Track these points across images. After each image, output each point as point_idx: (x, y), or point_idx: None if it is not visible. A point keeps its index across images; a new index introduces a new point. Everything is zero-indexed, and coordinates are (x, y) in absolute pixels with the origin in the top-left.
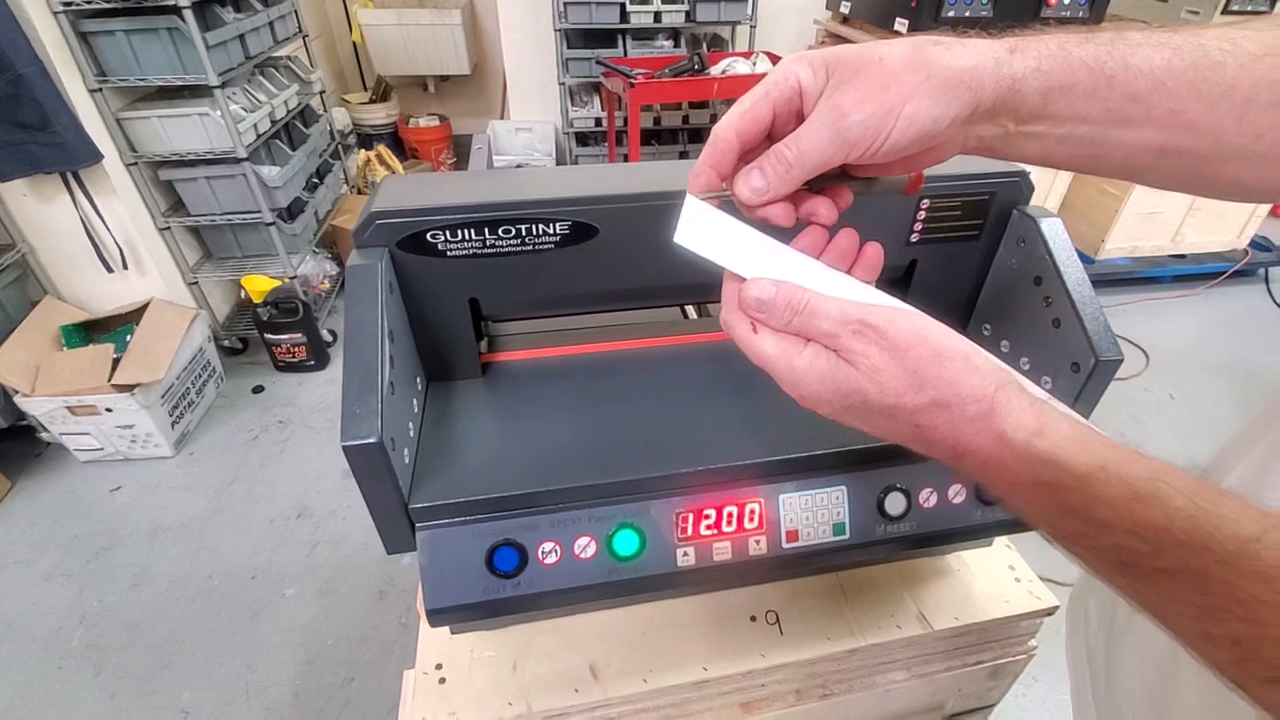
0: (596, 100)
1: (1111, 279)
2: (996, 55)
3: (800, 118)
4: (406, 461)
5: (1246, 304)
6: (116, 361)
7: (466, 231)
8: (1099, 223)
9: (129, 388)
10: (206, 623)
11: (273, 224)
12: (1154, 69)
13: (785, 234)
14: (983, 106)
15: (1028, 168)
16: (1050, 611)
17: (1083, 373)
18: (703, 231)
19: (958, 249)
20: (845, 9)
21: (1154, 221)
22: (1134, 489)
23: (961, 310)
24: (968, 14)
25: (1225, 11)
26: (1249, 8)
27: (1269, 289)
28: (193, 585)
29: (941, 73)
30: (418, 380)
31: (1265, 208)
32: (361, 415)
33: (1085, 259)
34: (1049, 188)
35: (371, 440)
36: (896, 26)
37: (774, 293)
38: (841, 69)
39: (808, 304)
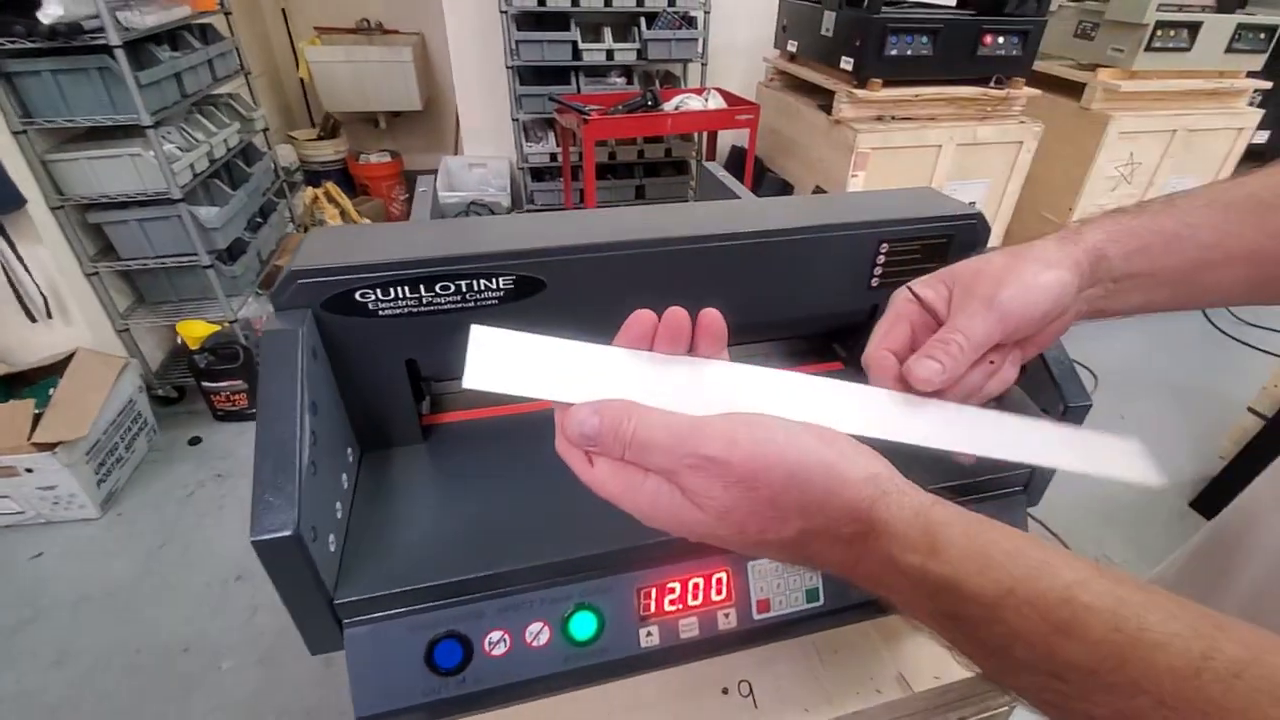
0: (551, 135)
1: None
2: (1071, 236)
3: (934, 328)
4: (332, 550)
5: (1184, 324)
6: (38, 417)
7: (400, 289)
8: None
9: (50, 445)
10: (135, 703)
11: (211, 266)
12: (1213, 220)
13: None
14: (1084, 274)
15: (978, 208)
16: None
17: (1052, 418)
18: (500, 362)
19: None
20: (792, 48)
21: None
22: (1049, 618)
23: None
24: (909, 53)
25: (1148, 49)
26: (1170, 45)
27: (1203, 311)
28: (120, 661)
29: (1046, 256)
30: (349, 452)
31: None
32: (275, 505)
33: None
34: (993, 218)
35: (286, 534)
36: (842, 65)
37: (597, 423)
38: (959, 277)
39: (634, 435)
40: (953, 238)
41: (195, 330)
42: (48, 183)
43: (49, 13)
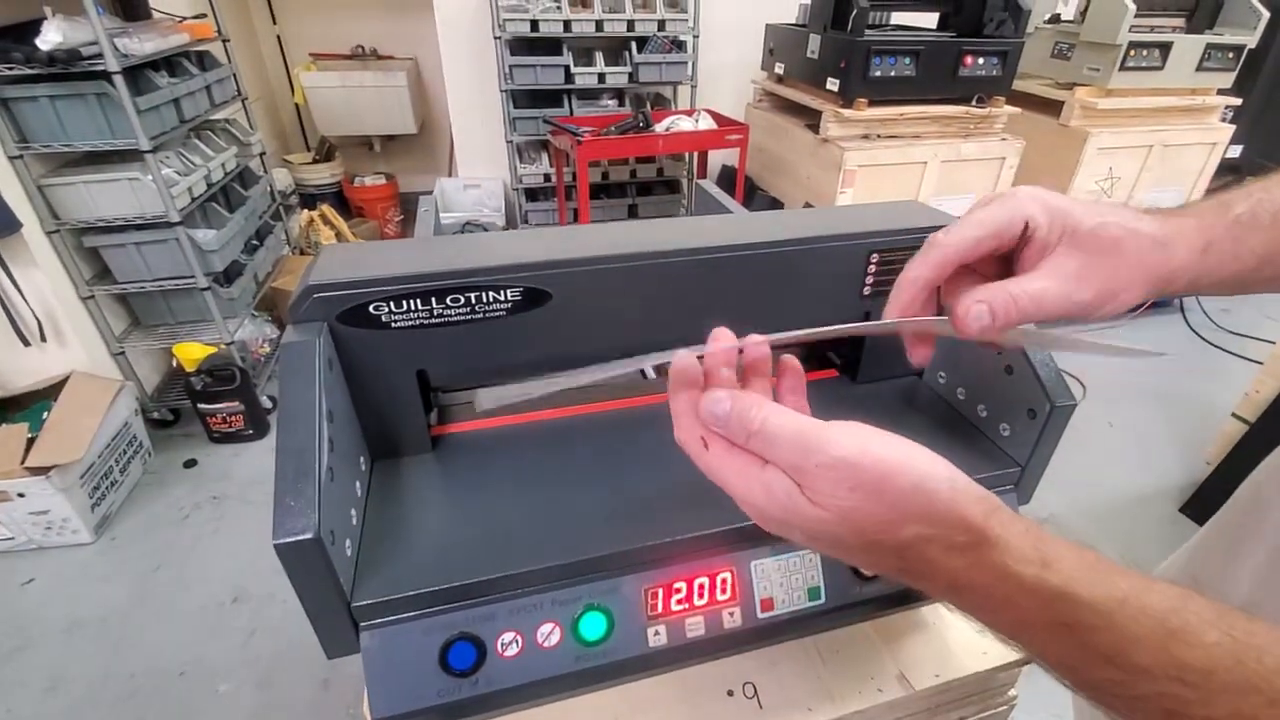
0: (545, 156)
1: None
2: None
3: (1009, 254)
4: (348, 554)
5: (1167, 333)
6: (31, 441)
7: (412, 302)
8: None
9: (44, 470)
10: None
11: (208, 289)
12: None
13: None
14: (1175, 273)
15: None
16: (1028, 661)
17: (1039, 419)
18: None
19: None
20: (780, 70)
21: None
22: (1164, 624)
23: None
24: (893, 74)
25: (1122, 68)
26: (1143, 64)
27: (1185, 318)
28: (114, 686)
29: (1149, 254)
30: (361, 461)
31: None
32: (296, 508)
33: None
34: None
35: (307, 536)
36: (829, 86)
37: (728, 407)
38: (1072, 232)
39: (762, 424)
40: None
41: (191, 352)
42: (44, 207)
43: (48, 40)
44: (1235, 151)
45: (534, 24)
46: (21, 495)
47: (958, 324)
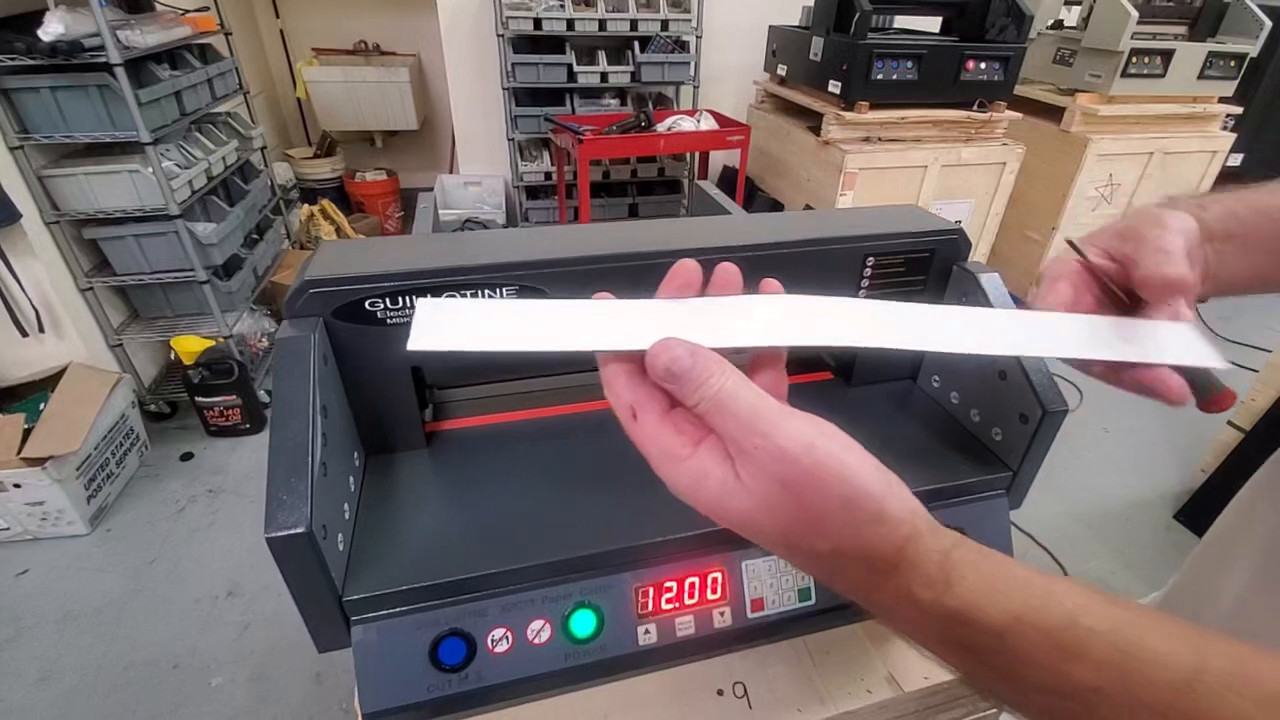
0: (546, 155)
1: None
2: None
3: (1099, 283)
4: (340, 549)
5: None
6: (28, 432)
7: (408, 299)
8: (1026, 267)
9: (40, 461)
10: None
11: (207, 282)
12: None
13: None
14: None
15: (962, 226)
16: None
17: (1031, 424)
18: (448, 325)
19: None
20: (782, 72)
21: None
22: (1055, 641)
23: (911, 362)
24: (895, 77)
25: (1124, 75)
26: (1145, 72)
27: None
28: (107, 678)
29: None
30: (355, 456)
31: None
32: (288, 502)
33: (1016, 301)
34: (978, 236)
35: (299, 530)
36: (830, 88)
37: (689, 365)
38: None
39: (719, 391)
40: (934, 251)
41: (189, 345)
42: (43, 198)
43: (50, 31)
44: (1236, 160)
45: (537, 22)
46: (17, 486)
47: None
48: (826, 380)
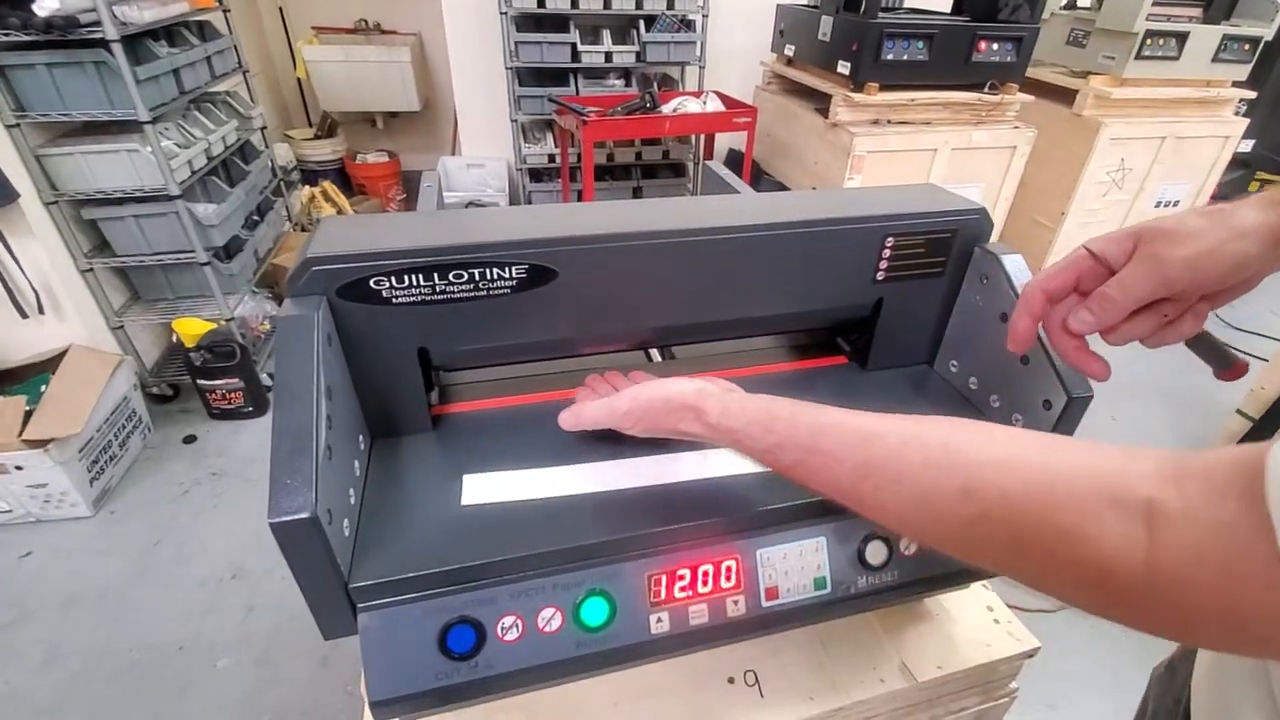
0: (550, 136)
1: None
2: (1272, 198)
3: (1104, 278)
4: (346, 534)
5: None
6: (29, 415)
7: (414, 277)
8: (1034, 252)
9: (42, 443)
10: (127, 703)
11: (208, 264)
12: None
13: None
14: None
15: (982, 203)
16: (1031, 654)
17: (1054, 410)
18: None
19: (922, 286)
20: (790, 52)
21: None
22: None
23: (928, 346)
24: (905, 58)
25: (1138, 58)
26: (1159, 54)
27: None
28: (111, 660)
29: (1241, 225)
30: (360, 439)
31: None
32: (292, 486)
33: None
34: None
35: (304, 515)
36: (839, 69)
37: (579, 414)
38: (1148, 233)
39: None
40: (957, 231)
41: (191, 328)
42: (41, 177)
43: (45, 5)
44: (1247, 146)
45: (541, 0)
46: (19, 468)
47: (1071, 328)
48: (842, 364)
